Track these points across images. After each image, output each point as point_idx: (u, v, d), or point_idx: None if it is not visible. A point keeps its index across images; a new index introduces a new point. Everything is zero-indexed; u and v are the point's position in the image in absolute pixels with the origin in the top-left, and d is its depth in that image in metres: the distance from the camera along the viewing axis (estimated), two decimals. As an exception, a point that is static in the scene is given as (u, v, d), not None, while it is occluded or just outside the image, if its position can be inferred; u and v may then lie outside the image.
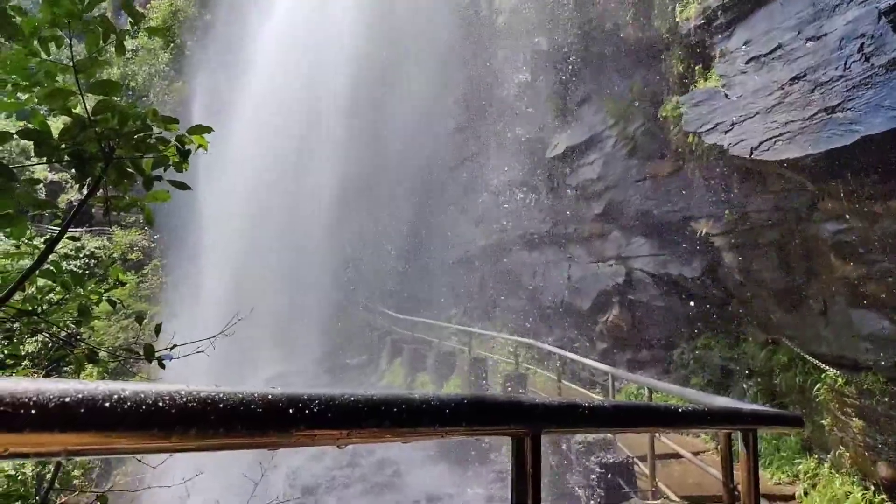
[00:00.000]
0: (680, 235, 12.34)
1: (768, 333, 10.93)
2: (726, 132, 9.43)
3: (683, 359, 12.87)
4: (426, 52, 20.57)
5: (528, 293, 18.78)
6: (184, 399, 0.70)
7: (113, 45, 3.31)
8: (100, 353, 3.75)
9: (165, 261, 28.61)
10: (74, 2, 2.90)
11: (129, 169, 3.10)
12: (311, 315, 23.34)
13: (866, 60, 7.36)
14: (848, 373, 8.85)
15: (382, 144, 22.54)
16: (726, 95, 9.65)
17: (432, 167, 22.82)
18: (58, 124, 3.16)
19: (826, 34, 7.95)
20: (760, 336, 11.15)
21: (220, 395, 0.74)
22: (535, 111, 17.29)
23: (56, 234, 3.05)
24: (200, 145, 3.19)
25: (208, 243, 25.24)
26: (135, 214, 25.63)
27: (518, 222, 18.93)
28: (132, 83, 30.38)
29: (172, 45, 30.70)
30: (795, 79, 8.34)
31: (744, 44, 9.48)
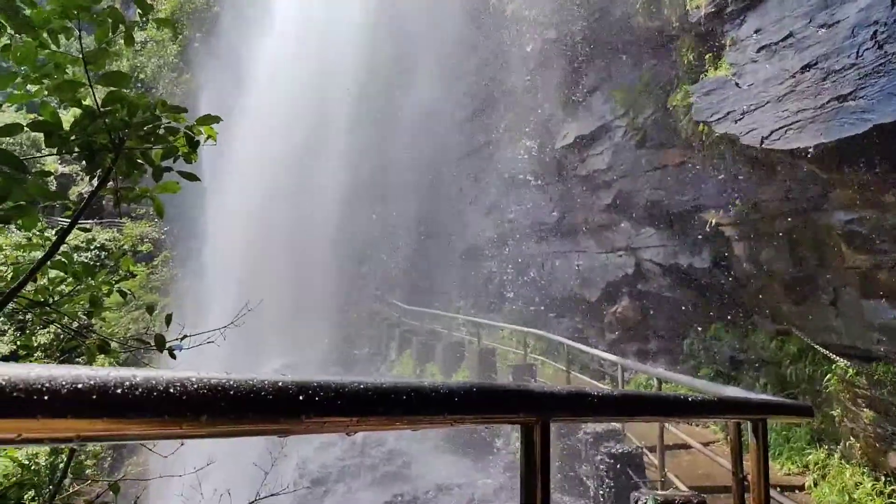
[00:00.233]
0: (689, 226, 12.28)
1: (778, 324, 10.88)
2: (737, 121, 9.35)
3: (693, 349, 12.84)
4: (434, 43, 20.49)
5: (537, 284, 18.76)
6: (195, 386, 0.71)
7: (122, 37, 3.32)
8: (111, 343, 3.78)
9: (176, 252, 28.77)
10: (83, -7, 2.90)
11: (138, 160, 3.11)
12: (319, 306, 23.41)
13: (879, 48, 7.27)
14: (859, 363, 8.80)
15: (391, 136, 22.52)
16: (737, 84, 9.57)
17: (440, 158, 22.79)
18: (68, 117, 3.17)
19: (838, 21, 7.86)
20: (770, 326, 11.10)
21: (231, 383, 0.74)
22: (544, 101, 17.21)
23: (67, 226, 3.07)
24: (209, 136, 3.19)
25: (217, 236, 25.33)
26: (145, 206, 25.69)
27: (526, 213, 18.89)
28: (141, 75, 30.47)
29: (181, 36, 30.73)
30: (807, 67, 8.26)
31: (755, 32, 9.39)
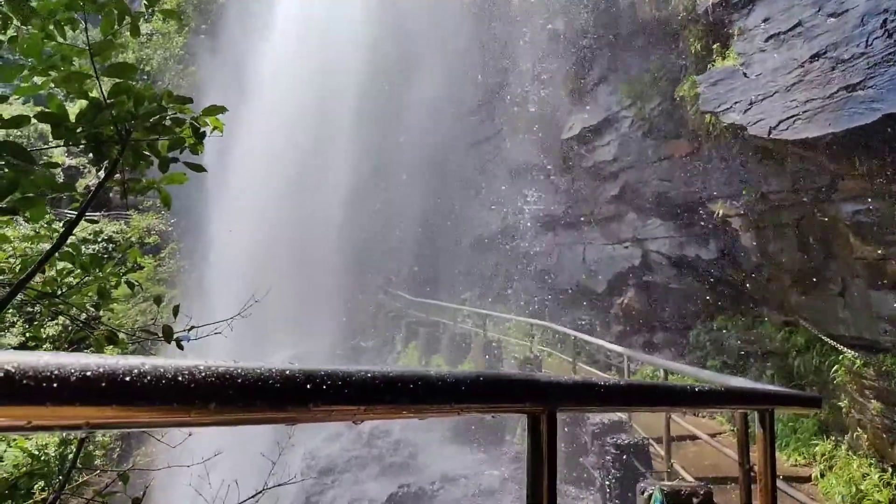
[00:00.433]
0: (696, 217, 12.25)
1: (786, 315, 10.86)
2: (744, 111, 9.30)
3: (699, 341, 12.82)
4: (440, 34, 20.44)
5: (543, 275, 18.75)
6: (203, 374, 0.71)
7: (128, 28, 3.32)
8: (119, 334, 3.79)
9: (182, 244, 28.85)
10: (89, -16, 2.90)
11: (145, 151, 3.12)
12: (325, 298, 23.45)
13: (889, 36, 7.21)
14: (866, 354, 8.78)
15: (397, 128, 22.48)
16: (745, 74, 9.51)
17: (447, 150, 22.75)
18: (74, 109, 3.17)
19: (847, 10, 7.80)
20: (777, 318, 11.07)
21: (239, 371, 0.74)
22: (551, 92, 17.15)
23: (74, 217, 3.08)
24: (215, 127, 3.19)
25: (223, 229, 25.39)
26: (151, 198, 25.82)
27: (532, 204, 18.86)
28: (147, 67, 30.47)
29: (186, 28, 30.72)
30: (816, 56, 8.20)
31: (763, 21, 9.32)
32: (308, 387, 0.80)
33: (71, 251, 3.42)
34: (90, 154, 3.11)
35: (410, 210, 23.77)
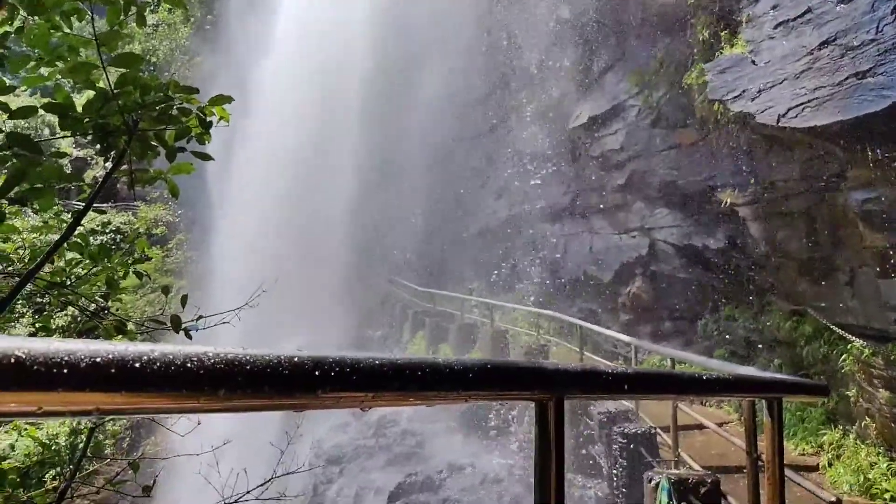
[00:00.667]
0: (704, 206, 12.19)
1: (794, 304, 10.82)
2: (753, 99, 9.24)
3: (707, 330, 12.80)
4: (446, 24, 20.33)
5: (550, 265, 18.72)
6: (211, 360, 0.71)
7: (134, 18, 3.32)
8: (128, 325, 3.82)
9: (190, 235, 28.94)
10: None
11: (152, 141, 3.12)
12: (333, 289, 23.49)
13: (899, 23, 7.14)
14: (875, 343, 8.74)
15: (404, 118, 22.42)
16: (753, 62, 9.44)
17: (453, 139, 22.71)
18: (81, 100, 3.18)
19: (857, -4, 7.73)
20: (785, 307, 11.03)
21: (248, 357, 0.75)
22: (558, 81, 17.07)
23: (83, 207, 3.09)
24: (222, 117, 3.19)
25: (231, 220, 25.45)
26: (159, 189, 25.87)
27: (539, 194, 18.81)
28: (153, 58, 30.46)
29: (192, 19, 30.68)
30: (825, 43, 8.13)
31: (772, 8, 9.24)
32: (316, 373, 0.80)
33: (80, 241, 3.44)
34: (97, 145, 3.11)
35: (417, 200, 23.75)
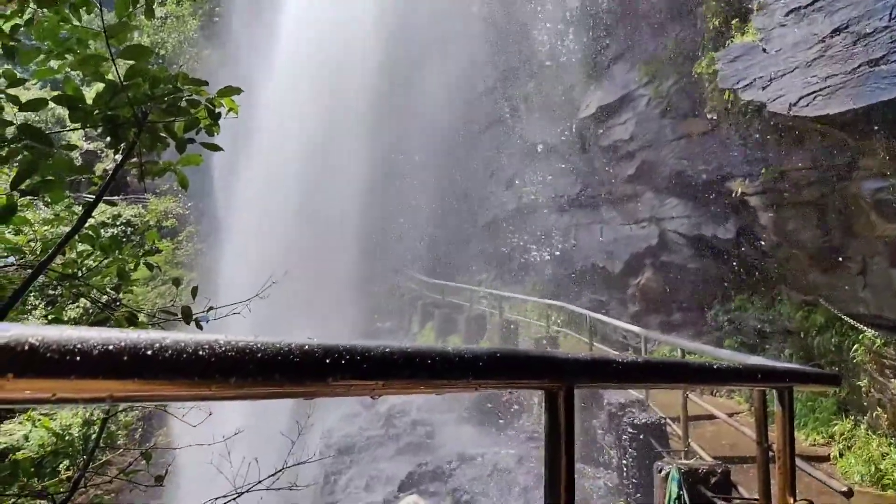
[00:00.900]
0: (714, 196, 12.12)
1: (805, 294, 10.75)
2: (764, 88, 9.16)
3: (717, 321, 12.75)
4: (455, 14, 20.25)
5: (559, 256, 18.68)
6: (223, 348, 0.72)
7: (142, 10, 3.32)
8: (139, 316, 3.84)
9: (199, 227, 29.06)
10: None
11: (161, 133, 3.13)
12: (341, 281, 23.54)
13: (913, 10, 7.06)
14: (887, 334, 8.68)
15: (412, 109, 22.36)
16: (764, 50, 9.36)
17: (462, 131, 22.65)
18: (91, 93, 3.19)
19: (870, -17, 7.64)
20: (796, 297, 10.97)
21: (259, 345, 0.75)
22: (567, 71, 16.98)
23: (93, 199, 3.11)
24: (231, 108, 3.20)
25: (239, 212, 25.53)
26: (168, 182, 25.98)
27: (548, 185, 18.75)
28: (162, 51, 30.50)
29: (201, 10, 30.69)
30: (837, 31, 8.05)
31: (783, -5, 9.16)
32: (327, 361, 0.80)
33: (91, 233, 3.46)
34: (107, 137, 3.13)
35: (425, 192, 23.74)
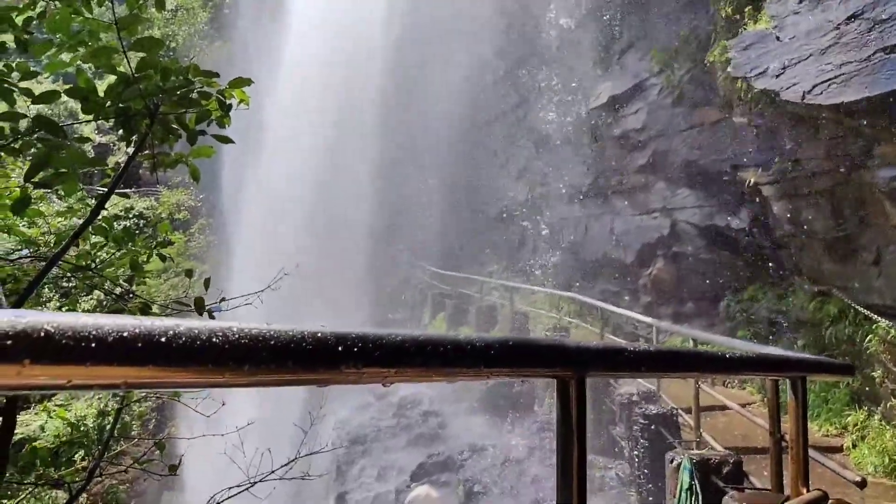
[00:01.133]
0: (727, 185, 12.04)
1: (818, 284, 10.67)
2: (777, 76, 9.08)
3: (729, 311, 12.68)
4: (466, 3, 20.16)
5: (570, 247, 18.63)
6: (236, 335, 0.72)
7: (153, 3, 3.33)
8: (152, 307, 3.87)
9: (212, 220, 29.17)
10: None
11: (173, 125, 3.14)
12: (353, 272, 23.58)
13: (930, -5, 6.97)
14: (901, 324, 8.61)
15: (422, 100, 22.31)
16: (777, 38, 9.26)
17: (472, 120, 22.58)
18: (103, 85, 3.20)
19: (886, -31, 7.54)
20: (810, 287, 10.89)
21: (272, 333, 0.75)
22: (578, 60, 16.89)
23: (106, 191, 3.13)
24: (241, 100, 3.20)
25: (251, 205, 25.62)
26: (180, 174, 26.04)
27: (559, 175, 18.68)
28: (172, 43, 30.57)
29: (211, 2, 30.71)
30: (852, 17, 7.95)
31: (797, -18, 9.05)
32: (340, 349, 0.80)
33: (104, 225, 3.48)
34: (119, 129, 3.14)
35: (436, 183, 23.71)
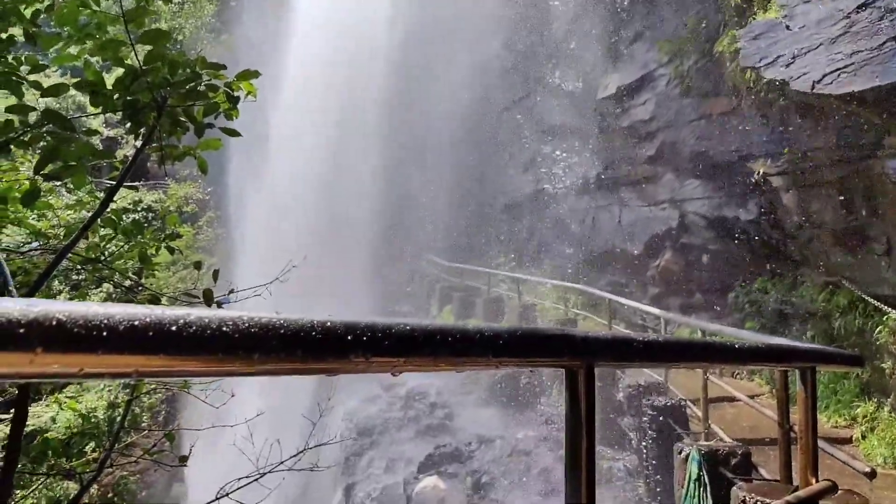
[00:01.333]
0: (736, 176, 11.97)
1: (827, 276, 10.62)
2: (787, 66, 9.01)
3: (738, 303, 12.63)
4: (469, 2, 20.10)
5: (578, 238, 18.59)
6: (246, 324, 0.72)
7: (160, -6, 3.33)
8: (162, 299, 3.89)
9: (220, 213, 29.24)
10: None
11: (181, 118, 3.15)
12: (360, 265, 23.61)
13: (942, -17, 6.89)
14: (912, 315, 8.57)
15: (429, 91, 22.26)
16: (787, 27, 9.18)
17: (479, 112, 22.51)
18: (110, 79, 3.21)
19: (898, -44, 7.46)
20: (819, 278, 10.84)
21: (281, 322, 0.76)
22: (585, 51, 16.80)
23: (115, 184, 3.14)
24: (249, 92, 3.20)
25: (258, 198, 25.68)
26: (188, 167, 26.09)
27: (567, 166, 18.62)
28: (179, 36, 30.56)
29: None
30: (863, 6, 7.88)
31: (807, -29, 8.97)
32: (349, 338, 0.81)
33: (113, 217, 3.50)
34: (128, 122, 3.15)
35: (443, 175, 23.67)
